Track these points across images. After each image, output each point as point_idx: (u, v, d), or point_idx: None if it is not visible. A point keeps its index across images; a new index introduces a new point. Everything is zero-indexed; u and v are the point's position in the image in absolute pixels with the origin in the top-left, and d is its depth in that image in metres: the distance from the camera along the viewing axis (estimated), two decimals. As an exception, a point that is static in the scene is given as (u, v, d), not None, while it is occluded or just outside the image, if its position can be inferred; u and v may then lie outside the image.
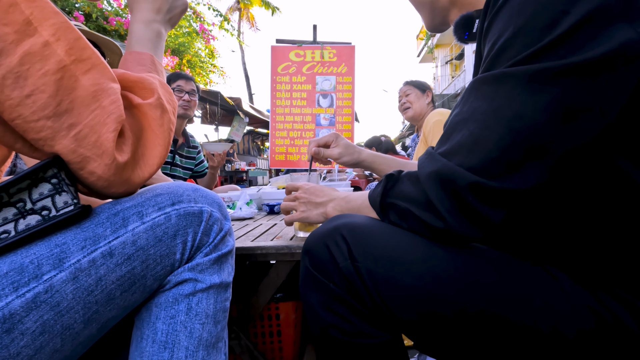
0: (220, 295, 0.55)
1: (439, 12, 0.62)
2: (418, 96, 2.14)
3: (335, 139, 1.00)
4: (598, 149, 0.40)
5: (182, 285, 0.52)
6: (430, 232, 0.46)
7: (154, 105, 0.49)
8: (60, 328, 0.41)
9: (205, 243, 0.55)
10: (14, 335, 0.38)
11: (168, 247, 0.50)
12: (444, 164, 0.43)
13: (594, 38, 0.37)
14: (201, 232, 0.54)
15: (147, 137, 0.49)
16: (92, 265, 0.43)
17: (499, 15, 0.43)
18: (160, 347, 0.50)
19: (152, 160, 0.49)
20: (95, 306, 0.44)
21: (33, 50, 0.38)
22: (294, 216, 0.75)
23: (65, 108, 0.40)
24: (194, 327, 0.51)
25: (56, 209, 0.43)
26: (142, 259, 0.48)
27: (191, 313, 0.51)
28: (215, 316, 0.54)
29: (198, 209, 0.54)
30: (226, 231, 0.58)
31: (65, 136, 0.41)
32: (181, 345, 0.50)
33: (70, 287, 0.42)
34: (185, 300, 0.52)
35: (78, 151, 0.41)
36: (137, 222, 0.48)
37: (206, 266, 0.54)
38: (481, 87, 0.43)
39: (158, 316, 0.51)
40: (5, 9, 0.37)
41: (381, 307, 0.46)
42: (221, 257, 0.56)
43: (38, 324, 0.39)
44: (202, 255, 0.54)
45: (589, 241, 0.44)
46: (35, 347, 0.39)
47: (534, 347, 0.43)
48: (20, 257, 0.40)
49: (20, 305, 0.38)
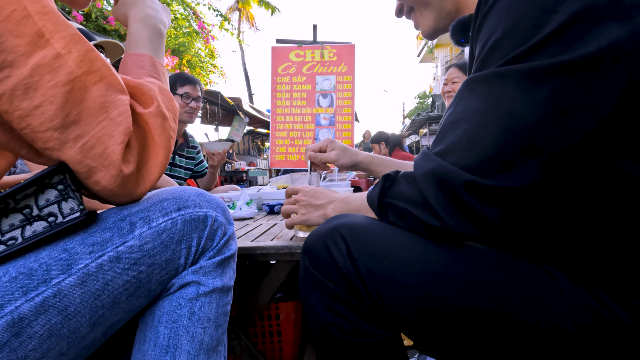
0: (222, 299, 0.56)
1: (444, 16, 0.61)
2: None
3: (329, 143, 1.01)
4: (594, 146, 0.41)
5: (186, 289, 0.52)
6: (427, 231, 0.46)
7: (154, 114, 0.49)
8: (67, 332, 0.41)
9: (210, 247, 0.55)
10: (22, 339, 0.38)
11: (173, 252, 0.51)
12: (439, 164, 0.44)
13: (583, 36, 0.37)
14: (205, 236, 0.54)
15: (149, 145, 0.49)
16: (100, 270, 0.44)
17: (489, 15, 0.43)
18: (162, 351, 0.50)
19: (155, 168, 0.50)
20: (102, 310, 0.44)
21: (44, 62, 0.39)
22: (295, 219, 0.75)
23: (73, 119, 0.41)
24: (196, 331, 0.52)
25: (62, 215, 0.43)
26: (148, 264, 0.48)
27: (194, 317, 0.52)
28: (216, 320, 0.54)
29: (203, 214, 0.54)
30: (230, 235, 0.58)
31: (72, 147, 0.41)
32: (183, 349, 0.50)
33: (78, 292, 0.42)
34: (188, 305, 0.52)
35: (84, 162, 0.42)
36: (144, 228, 0.49)
37: (209, 269, 0.54)
38: (474, 87, 0.44)
39: (161, 320, 0.51)
40: (17, 20, 0.37)
41: (380, 305, 0.47)
42: (224, 261, 0.57)
43: (46, 327, 0.39)
44: (205, 258, 0.55)
45: (587, 240, 0.44)
46: (42, 350, 0.39)
47: (531, 346, 0.43)
48: (29, 262, 0.40)
49: (29, 309, 0.38)
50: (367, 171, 1.00)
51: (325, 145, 1.01)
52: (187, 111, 1.84)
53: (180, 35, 6.52)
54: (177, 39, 6.35)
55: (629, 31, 0.37)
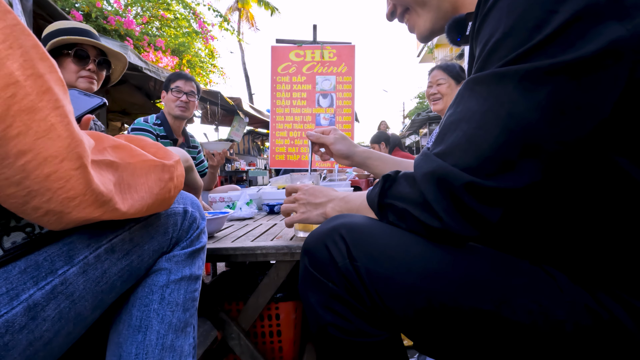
0: (190, 286, 0.62)
1: (441, 16, 0.61)
2: (452, 87, 1.83)
3: (332, 130, 1.00)
4: (594, 146, 0.41)
5: (157, 275, 0.59)
6: (427, 231, 0.46)
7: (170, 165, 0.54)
8: (74, 314, 0.47)
9: (183, 238, 0.63)
10: (38, 322, 0.43)
11: (159, 243, 0.58)
12: (439, 165, 0.44)
13: (583, 36, 0.37)
14: (181, 228, 0.62)
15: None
16: (98, 260, 0.49)
17: (489, 16, 0.43)
18: (134, 330, 0.56)
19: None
20: (101, 295, 0.50)
21: None
22: (294, 218, 0.75)
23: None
24: (165, 314, 0.58)
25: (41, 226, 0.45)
26: (138, 254, 0.55)
27: (164, 302, 0.58)
28: (184, 304, 0.61)
29: (182, 208, 0.62)
30: (201, 229, 0.67)
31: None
32: (153, 329, 0.57)
33: (82, 280, 0.47)
34: (159, 292, 0.58)
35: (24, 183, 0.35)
36: (133, 222, 0.54)
37: (181, 258, 0.61)
38: (474, 88, 0.44)
39: (134, 304, 0.58)
40: None
41: (379, 306, 0.47)
42: (194, 252, 0.64)
43: (57, 311, 0.44)
44: (179, 248, 0.62)
45: (586, 240, 0.44)
46: (55, 330, 0.45)
47: (531, 346, 0.43)
48: (33, 256, 0.44)
49: (41, 296, 0.43)
50: (364, 165, 0.97)
51: (328, 130, 1.00)
52: (177, 105, 1.84)
53: (180, 35, 6.52)
54: (177, 39, 6.35)
55: (630, 30, 0.37)
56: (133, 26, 5.20)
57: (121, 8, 5.39)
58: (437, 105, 1.87)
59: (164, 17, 6.38)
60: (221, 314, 0.94)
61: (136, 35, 5.30)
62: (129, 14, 5.46)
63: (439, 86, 1.84)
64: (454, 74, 1.83)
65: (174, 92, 1.84)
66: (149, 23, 6.21)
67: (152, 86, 5.15)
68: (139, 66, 3.96)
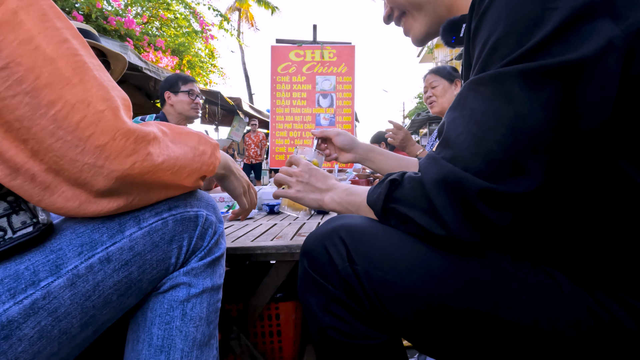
0: (212, 298, 0.57)
1: (437, 20, 0.61)
2: (445, 88, 1.85)
3: (336, 130, 1.00)
4: (598, 147, 0.40)
5: (177, 290, 0.53)
6: (430, 239, 0.45)
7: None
8: (57, 333, 0.41)
9: (200, 247, 0.56)
10: (12, 342, 0.37)
11: (164, 252, 0.51)
12: (450, 170, 0.42)
13: (584, 35, 0.37)
14: (197, 236, 0.55)
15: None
16: (90, 271, 0.43)
17: (486, 16, 0.43)
18: (156, 351, 0.51)
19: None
20: (93, 310, 0.44)
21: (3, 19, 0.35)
22: (288, 192, 0.71)
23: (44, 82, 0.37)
24: (188, 330, 0.53)
25: (12, 230, 0.40)
26: (139, 264, 0.48)
27: (186, 318, 0.53)
28: (208, 318, 0.56)
29: (194, 213, 0.54)
30: (220, 234, 0.59)
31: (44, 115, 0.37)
32: (177, 347, 0.52)
33: (68, 293, 0.41)
34: (180, 307, 0.53)
35: (57, 133, 0.37)
36: (134, 228, 0.48)
37: (200, 270, 0.55)
38: (478, 88, 0.43)
39: (154, 322, 0.52)
40: None
41: (379, 309, 0.46)
42: (214, 261, 0.58)
43: (36, 330, 0.39)
44: (196, 259, 0.55)
45: (587, 241, 0.44)
46: (33, 351, 0.39)
47: (532, 348, 0.43)
48: (14, 264, 0.39)
49: (18, 312, 0.37)
50: (366, 159, 0.96)
51: (332, 131, 0.99)
52: (193, 107, 1.93)
53: (180, 35, 6.52)
54: (177, 39, 6.35)
55: (623, 30, 0.37)
56: (133, 26, 5.20)
57: (121, 8, 5.39)
58: (433, 108, 1.92)
59: (164, 17, 6.38)
60: (221, 314, 0.94)
61: (136, 36, 5.31)
62: (129, 13, 5.45)
63: (434, 89, 1.89)
64: (445, 74, 1.87)
65: (190, 94, 1.91)
66: (149, 23, 6.21)
67: (152, 86, 5.16)
68: (139, 66, 3.97)
